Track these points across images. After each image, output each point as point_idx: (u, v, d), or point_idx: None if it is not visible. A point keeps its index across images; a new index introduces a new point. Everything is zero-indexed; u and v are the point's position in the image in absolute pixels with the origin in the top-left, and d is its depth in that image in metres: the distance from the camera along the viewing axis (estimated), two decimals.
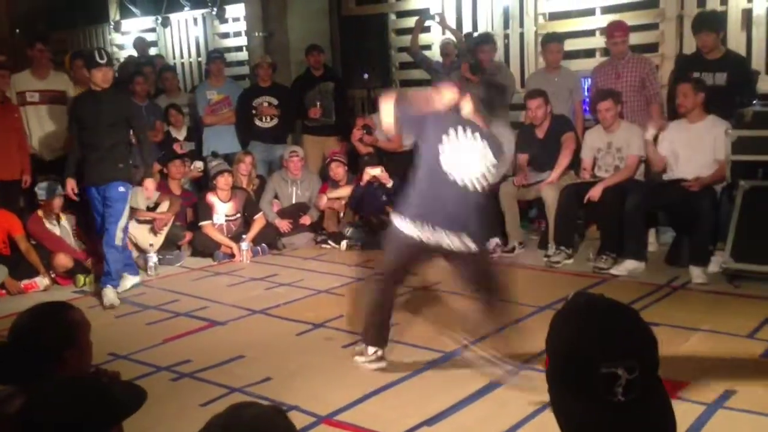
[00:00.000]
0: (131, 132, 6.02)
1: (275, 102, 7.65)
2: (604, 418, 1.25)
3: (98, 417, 1.64)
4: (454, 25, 7.89)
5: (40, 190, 5.99)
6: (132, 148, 7.22)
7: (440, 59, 7.90)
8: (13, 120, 6.44)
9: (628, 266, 5.44)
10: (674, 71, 6.21)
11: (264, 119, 7.66)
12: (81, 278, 5.86)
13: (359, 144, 7.43)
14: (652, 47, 6.82)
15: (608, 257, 5.56)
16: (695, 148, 5.45)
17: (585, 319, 1.32)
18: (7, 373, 2.09)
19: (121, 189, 5.46)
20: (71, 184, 5.54)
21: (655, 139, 5.66)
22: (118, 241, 5.46)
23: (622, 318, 1.32)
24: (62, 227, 6.09)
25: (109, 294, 5.36)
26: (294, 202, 7.15)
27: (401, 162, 7.48)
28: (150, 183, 5.95)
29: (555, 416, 1.33)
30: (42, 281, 5.81)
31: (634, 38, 6.96)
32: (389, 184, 6.76)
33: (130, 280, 5.71)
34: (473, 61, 6.91)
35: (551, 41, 6.64)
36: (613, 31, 6.17)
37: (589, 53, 7.33)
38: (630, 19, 6.94)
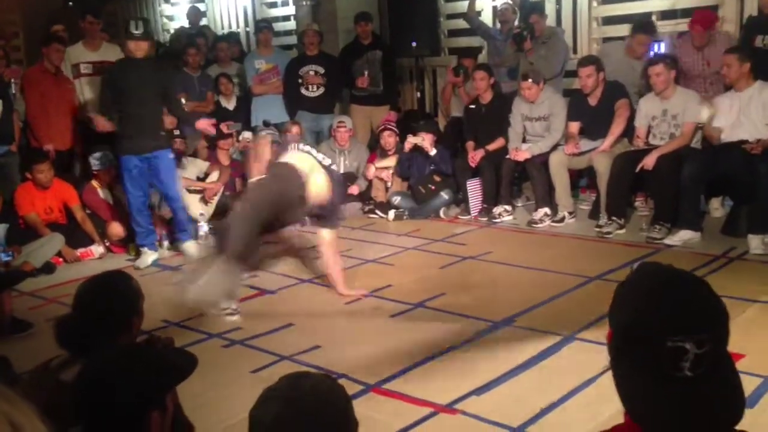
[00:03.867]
0: (183, 102, 6.10)
1: (321, 71, 7.63)
2: (669, 392, 1.19)
3: (154, 382, 1.67)
4: None
5: (95, 160, 6.11)
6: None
7: (492, 25, 7.78)
8: (66, 91, 6.57)
9: (683, 236, 5.31)
10: (742, 33, 5.98)
11: (310, 88, 7.65)
12: (134, 247, 5.97)
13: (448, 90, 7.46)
14: (712, 9, 6.57)
15: (662, 227, 5.43)
16: (746, 115, 5.32)
17: (652, 291, 1.25)
18: (79, 341, 2.15)
19: (171, 156, 5.76)
20: (103, 120, 5.66)
21: None
22: (181, 202, 5.85)
23: (693, 289, 1.26)
24: (115, 196, 6.21)
25: (193, 247, 5.77)
26: (342, 172, 7.15)
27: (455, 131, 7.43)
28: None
29: (617, 390, 1.28)
30: (97, 249, 5.95)
31: (694, 1, 6.72)
32: (432, 152, 6.72)
33: (150, 256, 5.74)
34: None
35: (640, 32, 6.26)
36: (693, 23, 5.88)
37: (645, 17, 7.10)
38: None
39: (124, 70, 5.54)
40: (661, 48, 6.43)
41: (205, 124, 5.98)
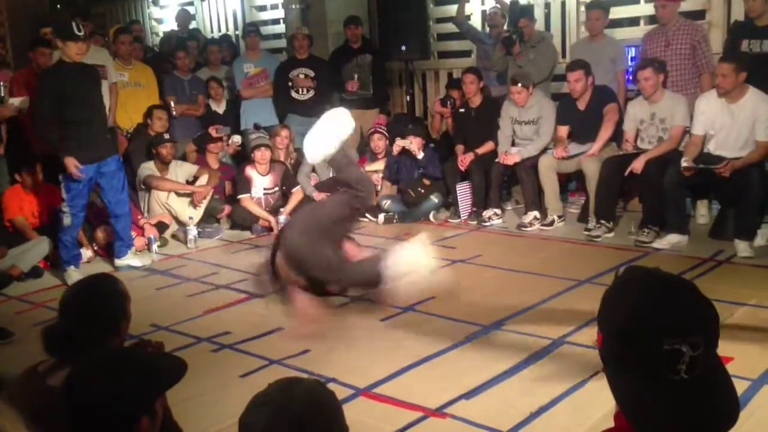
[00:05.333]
0: (173, 104, 6.04)
1: (311, 74, 7.63)
2: (665, 396, 1.20)
3: (144, 387, 1.66)
4: None
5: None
6: (173, 121, 7.28)
7: (481, 29, 7.81)
8: None
9: (671, 240, 5.33)
10: (727, 39, 6.03)
11: (300, 91, 7.65)
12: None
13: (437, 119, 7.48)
14: (699, 14, 6.63)
15: (650, 230, 5.46)
16: (734, 129, 5.25)
17: (644, 294, 1.26)
18: (66, 346, 2.13)
19: (119, 160, 5.63)
20: (74, 162, 5.13)
21: None
22: (129, 211, 5.70)
23: (685, 293, 1.27)
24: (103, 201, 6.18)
25: (134, 257, 5.66)
26: (331, 175, 7.15)
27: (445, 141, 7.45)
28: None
29: (613, 394, 1.29)
30: (85, 253, 5.90)
31: (681, 5, 6.77)
32: (419, 155, 6.73)
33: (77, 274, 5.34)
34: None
35: (593, 8, 6.51)
36: None
37: (634, 21, 7.15)
38: None
39: (67, 76, 5.13)
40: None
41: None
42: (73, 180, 5.22)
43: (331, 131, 4.14)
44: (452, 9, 7.92)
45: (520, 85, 6.27)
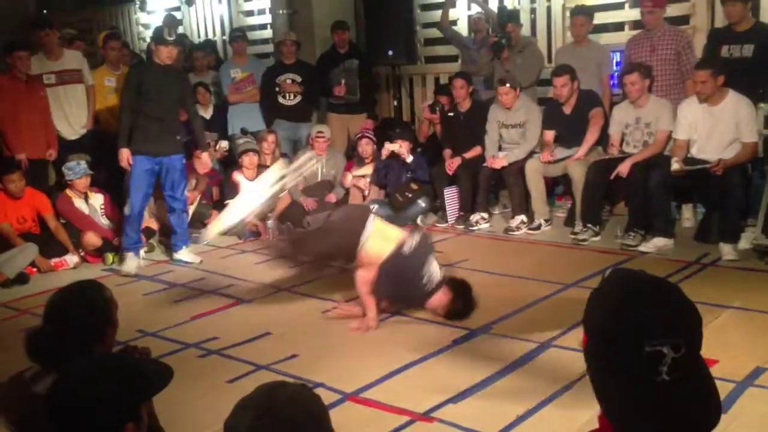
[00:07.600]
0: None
1: (299, 79, 7.63)
2: (647, 397, 1.21)
3: (129, 393, 1.65)
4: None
5: (68, 169, 6.05)
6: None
7: (467, 34, 7.83)
8: (38, 99, 6.48)
9: (657, 243, 5.37)
10: (707, 44, 6.08)
11: (287, 96, 7.65)
12: (110, 256, 5.92)
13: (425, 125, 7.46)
14: (684, 20, 6.68)
15: (636, 234, 5.49)
16: (716, 131, 5.31)
17: (628, 296, 1.27)
18: (51, 353, 2.12)
19: (183, 161, 5.89)
20: (127, 155, 5.55)
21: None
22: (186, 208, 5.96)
23: (667, 295, 1.27)
24: (91, 206, 6.16)
25: (188, 253, 5.90)
26: (319, 180, 7.15)
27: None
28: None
29: (595, 395, 1.29)
30: (71, 259, 5.89)
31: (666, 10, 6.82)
32: (409, 159, 6.73)
33: (135, 261, 5.80)
34: (496, 41, 6.87)
35: (577, 14, 6.55)
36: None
37: (618, 26, 7.20)
38: None
39: (152, 74, 5.61)
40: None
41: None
42: (134, 170, 5.58)
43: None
44: (439, 14, 7.94)
45: (508, 85, 6.31)
